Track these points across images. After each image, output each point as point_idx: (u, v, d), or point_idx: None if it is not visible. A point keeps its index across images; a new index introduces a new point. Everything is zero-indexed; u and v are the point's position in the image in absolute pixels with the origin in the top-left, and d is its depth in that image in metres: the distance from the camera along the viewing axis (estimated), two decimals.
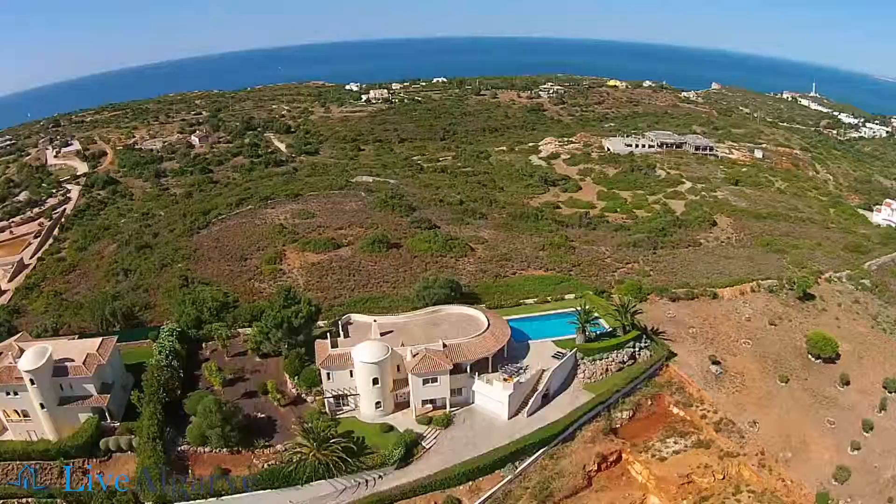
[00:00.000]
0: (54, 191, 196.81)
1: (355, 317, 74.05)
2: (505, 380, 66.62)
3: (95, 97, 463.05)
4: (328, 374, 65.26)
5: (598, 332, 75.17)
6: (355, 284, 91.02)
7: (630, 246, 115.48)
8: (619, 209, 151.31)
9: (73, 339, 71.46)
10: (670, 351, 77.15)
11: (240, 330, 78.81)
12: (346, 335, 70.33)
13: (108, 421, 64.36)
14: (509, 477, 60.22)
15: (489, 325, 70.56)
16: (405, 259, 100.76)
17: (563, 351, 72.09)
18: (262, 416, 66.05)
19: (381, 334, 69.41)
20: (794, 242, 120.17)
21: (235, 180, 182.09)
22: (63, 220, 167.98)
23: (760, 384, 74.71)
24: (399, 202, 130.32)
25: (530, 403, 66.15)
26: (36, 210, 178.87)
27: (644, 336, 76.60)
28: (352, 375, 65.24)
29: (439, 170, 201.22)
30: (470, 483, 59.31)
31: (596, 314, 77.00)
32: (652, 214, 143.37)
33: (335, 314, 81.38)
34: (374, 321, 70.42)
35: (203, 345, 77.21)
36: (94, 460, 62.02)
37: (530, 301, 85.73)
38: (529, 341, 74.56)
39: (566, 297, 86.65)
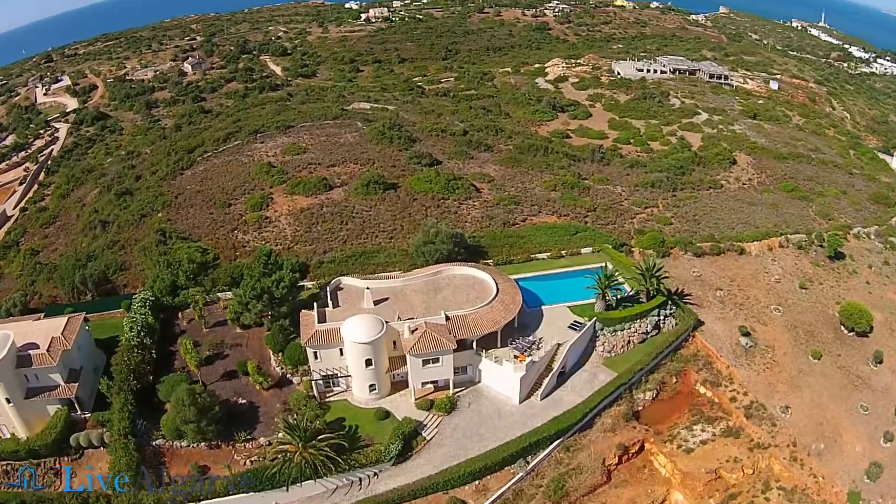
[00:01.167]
0: (42, 131, 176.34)
1: (346, 280, 61.69)
2: (516, 357, 55.26)
3: (95, 27, 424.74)
4: (315, 353, 54.13)
5: (617, 297, 62.99)
6: (348, 235, 77.72)
7: (648, 186, 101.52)
8: (632, 140, 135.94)
9: (39, 318, 59.13)
10: (697, 319, 65.65)
11: (220, 294, 66.57)
12: (336, 304, 58.35)
13: (79, 412, 54.11)
14: (520, 475, 50.31)
15: (498, 291, 58.18)
16: (403, 203, 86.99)
17: (582, 320, 60.33)
18: (244, 401, 55.19)
19: (375, 303, 57.38)
20: (819, 189, 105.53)
21: (228, 109, 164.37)
22: (49, 163, 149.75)
23: (792, 360, 63.63)
24: (398, 133, 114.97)
25: (544, 385, 55.05)
26: (22, 154, 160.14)
27: (669, 301, 64.67)
28: (342, 354, 53.84)
29: (441, 93, 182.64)
30: (476, 482, 49.70)
31: (619, 277, 64.85)
32: (668, 148, 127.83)
33: (324, 273, 69.32)
34: (367, 288, 58.09)
35: (179, 314, 65.28)
36: (66, 459, 52.08)
37: (542, 256, 73.02)
38: (543, 307, 62.81)
39: (582, 251, 73.95)
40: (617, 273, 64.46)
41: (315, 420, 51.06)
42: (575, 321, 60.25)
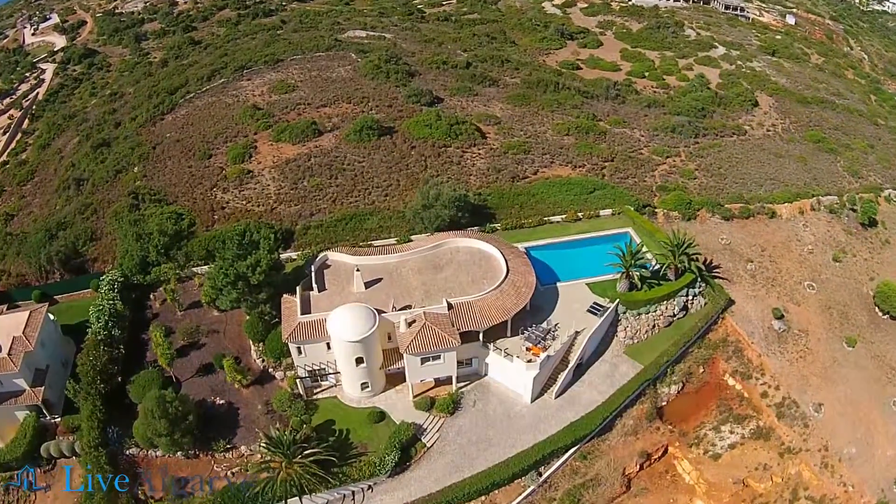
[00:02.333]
0: (28, 74, 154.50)
1: (333, 256, 50.69)
2: (528, 349, 45.79)
3: None
4: (299, 348, 44.60)
5: (641, 274, 51.88)
6: (338, 192, 65.36)
7: (668, 132, 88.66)
8: (646, 74, 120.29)
9: (1, 311, 49.85)
10: (729, 298, 55.65)
11: (195, 269, 55.90)
12: (322, 286, 47.82)
13: (48, 417, 45.87)
14: (532, 488, 42.27)
15: (508, 270, 47.76)
16: (400, 151, 73.56)
17: (603, 302, 50.25)
18: (222, 401, 46.28)
19: (367, 285, 47.49)
20: (846, 142, 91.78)
21: (217, 40, 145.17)
22: (34, 108, 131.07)
23: (826, 347, 54.31)
24: (395, 67, 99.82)
25: (559, 380, 45.98)
26: (7, 101, 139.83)
27: (698, 278, 54.14)
28: (329, 348, 44.40)
29: (442, 17, 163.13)
30: (483, 497, 41.93)
31: (646, 252, 54.08)
32: (686, 85, 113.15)
33: (311, 240, 58.04)
34: (357, 269, 47.58)
35: (151, 295, 54.85)
36: (38, 470, 44.30)
37: (557, 219, 61.56)
38: (558, 284, 52.43)
39: (601, 213, 62.45)
40: (644, 249, 53.91)
41: (301, 427, 42.52)
42: (595, 304, 50.24)
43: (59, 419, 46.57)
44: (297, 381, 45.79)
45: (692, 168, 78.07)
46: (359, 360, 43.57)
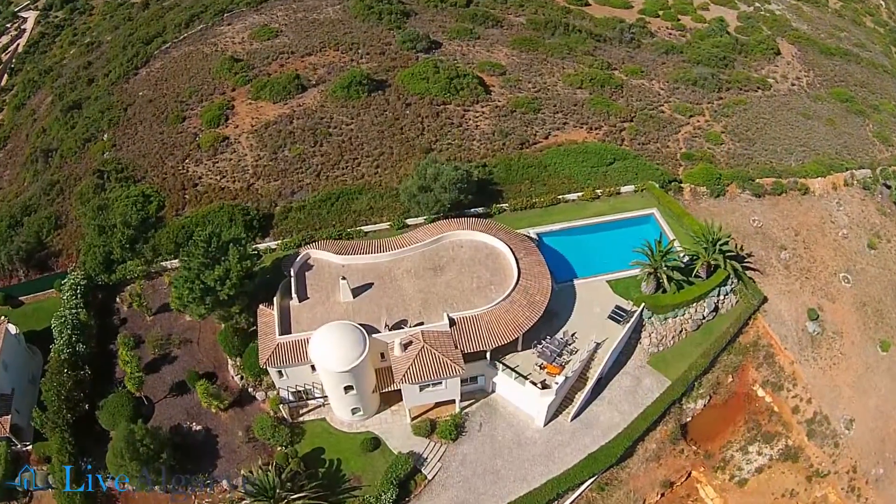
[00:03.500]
0: (9, 25, 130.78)
1: (316, 254, 41.18)
2: (542, 367, 38.23)
3: None
4: (280, 372, 36.65)
5: (671, 274, 42.79)
6: (323, 163, 54.27)
7: (690, 84, 76.95)
8: (660, 13, 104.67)
9: None
10: (762, 296, 46.89)
11: (164, 264, 46.34)
12: (303, 293, 38.73)
13: (19, 445, 38.35)
14: None
15: (519, 272, 39.05)
16: (394, 110, 60.91)
17: (626, 306, 41.67)
18: (199, 427, 38.58)
19: (355, 292, 38.37)
20: (874, 102, 79.75)
21: None
22: (13, 62, 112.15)
23: (860, 352, 46.88)
24: (388, 7, 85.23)
25: (576, 401, 38.67)
26: None
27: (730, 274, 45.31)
28: (314, 369, 36.39)
29: None
30: None
31: (679, 247, 44.69)
32: (704, 28, 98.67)
33: (292, 226, 48.01)
34: (343, 278, 37.69)
35: (118, 297, 45.72)
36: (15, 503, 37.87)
37: (573, 197, 51.63)
38: (575, 281, 43.79)
39: (623, 189, 52.32)
40: (675, 245, 44.29)
41: (287, 462, 35.09)
42: (617, 308, 41.75)
43: (30, 446, 38.96)
44: (280, 404, 38.09)
45: (718, 130, 67.40)
46: (348, 388, 36.34)
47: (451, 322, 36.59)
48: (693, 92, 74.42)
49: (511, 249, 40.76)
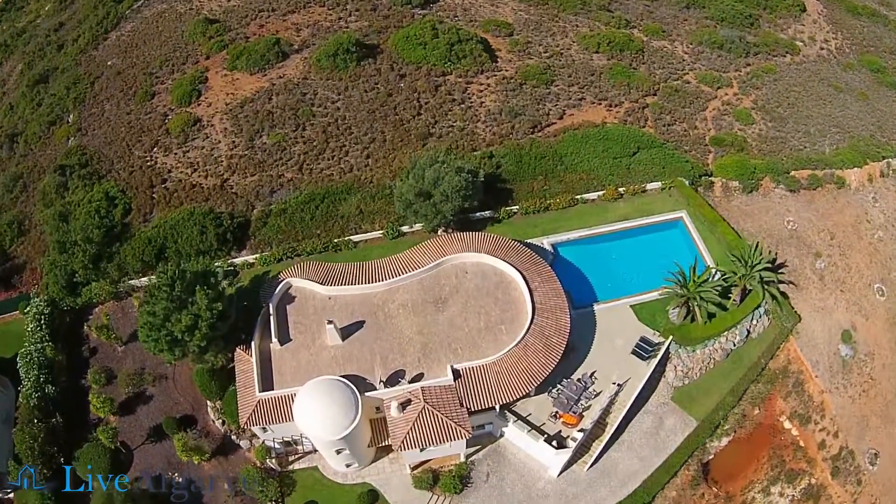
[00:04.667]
0: None
1: (297, 284, 33.53)
2: (557, 416, 32.29)
3: None
4: (263, 427, 30.77)
5: (707, 306, 35.61)
6: (305, 152, 44.87)
7: (715, 48, 65.94)
8: None
9: None
10: (795, 313, 39.90)
11: (133, 283, 38.55)
12: (285, 336, 31.52)
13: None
14: None
15: (534, 308, 31.83)
16: (386, 83, 50.27)
17: (652, 338, 34.79)
18: (180, 479, 32.69)
19: (344, 333, 31.49)
20: None
21: None
22: None
23: (890, 376, 40.97)
24: None
25: (593, 450, 32.67)
26: None
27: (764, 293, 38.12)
28: None
29: None
30: None
31: (711, 264, 37.37)
32: None
33: (270, 235, 39.60)
34: (330, 322, 30.44)
35: (85, 324, 38.21)
36: None
37: (592, 196, 43.09)
38: (595, 306, 36.78)
39: (648, 186, 43.86)
40: (714, 271, 36.62)
41: None
42: (643, 341, 34.88)
43: (11, 493, 33.60)
44: (267, 451, 32.06)
45: (748, 106, 57.59)
46: (340, 450, 30.75)
47: (456, 375, 30.14)
48: (719, 57, 63.72)
49: (524, 277, 33.28)
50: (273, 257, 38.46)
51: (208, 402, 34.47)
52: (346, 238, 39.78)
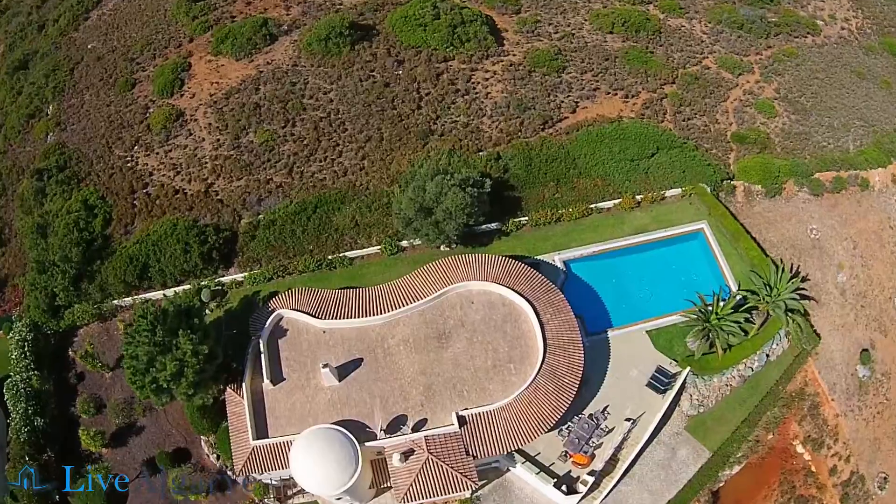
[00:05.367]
0: None
1: (289, 316, 29.96)
2: (568, 455, 29.71)
3: None
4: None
5: (729, 338, 32.13)
6: (295, 153, 39.67)
7: (735, 27, 59.23)
8: None
9: None
10: (815, 333, 36.49)
11: (116, 303, 34.65)
12: (278, 375, 28.33)
13: None
14: None
15: (546, 344, 28.46)
16: (383, 70, 44.46)
17: (669, 369, 31.65)
18: None
19: (341, 371, 28.22)
20: None
21: None
22: None
23: None
24: None
25: (604, 487, 29.83)
26: None
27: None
28: None
29: None
30: None
31: (740, 295, 33.61)
32: None
33: (257, 252, 35.28)
34: (325, 366, 27.05)
35: (70, 350, 34.45)
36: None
37: (608, 205, 38.36)
38: (610, 332, 33.38)
39: (668, 194, 39.18)
40: (737, 297, 33.03)
41: None
42: (659, 372, 31.73)
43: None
44: (266, 488, 29.30)
45: (770, 96, 51.96)
46: (339, 497, 28.63)
47: (461, 421, 27.05)
48: (739, 38, 57.27)
49: (535, 308, 29.65)
50: (263, 276, 34.35)
51: (202, 440, 31.43)
52: (340, 255, 35.36)
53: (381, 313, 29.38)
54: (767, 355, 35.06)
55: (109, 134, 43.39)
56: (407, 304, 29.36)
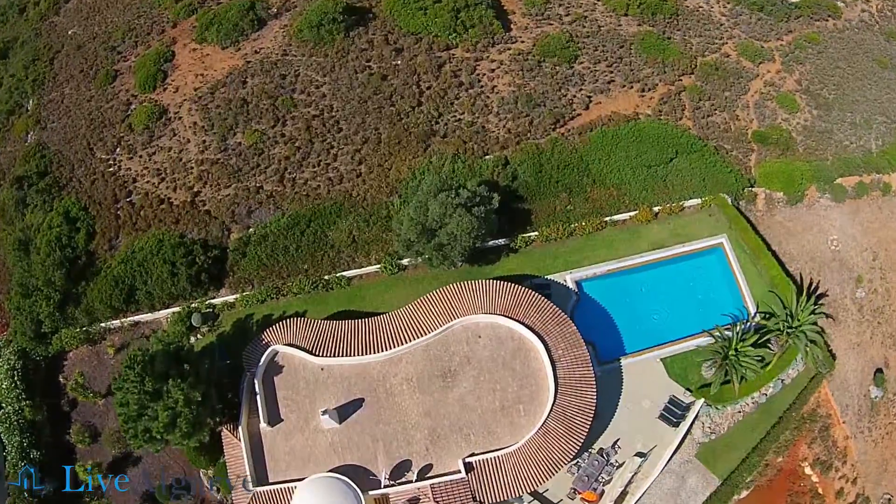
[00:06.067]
0: None
1: (284, 352, 27.08)
2: (577, 493, 27.21)
3: None
4: None
5: (747, 373, 29.36)
6: (286, 157, 35.23)
7: (755, 9, 53.17)
8: None
9: None
10: (831, 353, 34.01)
11: (104, 325, 31.60)
12: (275, 416, 25.89)
13: None
14: None
15: (557, 383, 25.91)
16: (380, 60, 39.41)
17: (683, 399, 29.17)
18: None
19: (341, 413, 25.65)
20: None
21: None
22: None
23: None
24: None
25: None
26: None
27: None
28: None
29: None
30: None
31: (762, 325, 30.83)
32: None
33: (248, 272, 31.92)
34: (325, 413, 24.59)
35: (61, 376, 31.57)
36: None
37: (623, 217, 34.61)
38: (622, 360, 30.58)
39: (686, 204, 35.41)
40: (757, 325, 30.30)
41: None
42: (672, 403, 29.25)
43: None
44: None
45: (792, 88, 46.86)
46: None
47: (468, 467, 24.76)
48: (759, 21, 51.32)
49: (545, 343, 26.81)
50: (256, 298, 31.15)
51: (201, 473, 29.06)
52: (337, 275, 31.89)
53: (382, 349, 26.53)
54: (783, 380, 32.89)
55: (90, 134, 38.73)
56: (410, 340, 26.49)
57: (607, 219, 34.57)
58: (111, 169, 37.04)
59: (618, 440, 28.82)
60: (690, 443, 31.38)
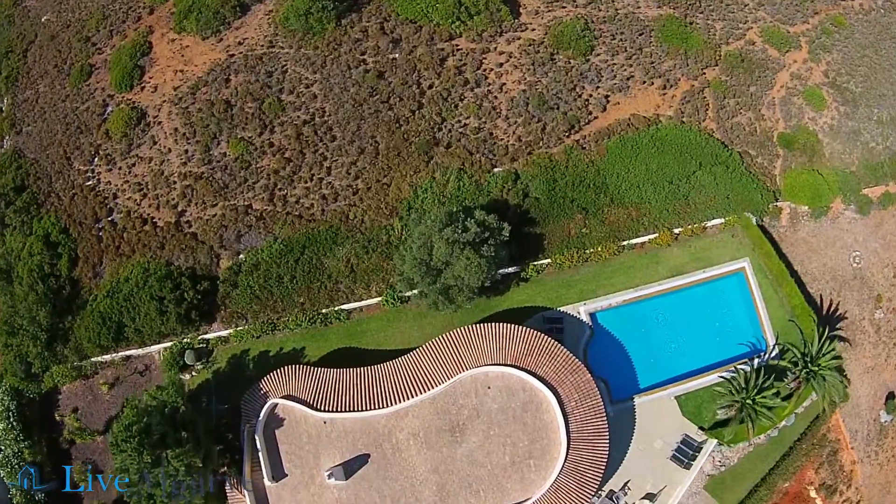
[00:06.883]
0: None
1: (285, 406, 24.16)
2: None
3: None
4: None
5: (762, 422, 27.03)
6: (275, 171, 30.92)
7: None
8: None
9: None
10: (845, 378, 31.71)
11: (95, 360, 28.74)
12: (278, 470, 23.46)
13: None
14: None
15: (569, 437, 23.53)
16: (375, 54, 34.32)
17: (695, 438, 27.18)
18: None
19: (347, 469, 23.17)
20: None
21: None
22: None
23: None
24: None
25: None
26: None
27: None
28: None
29: None
30: None
31: (782, 364, 28.09)
32: None
33: (243, 303, 28.57)
34: (330, 476, 22.31)
35: (56, 413, 28.91)
36: None
37: (642, 240, 30.89)
38: (636, 399, 28.01)
39: (708, 225, 31.80)
40: (776, 363, 27.64)
41: None
42: (685, 443, 27.24)
43: None
44: None
45: (819, 81, 41.15)
46: None
47: None
48: (784, 1, 45.96)
49: (558, 395, 24.26)
50: (250, 333, 28.10)
51: None
52: (335, 308, 28.64)
53: (387, 402, 23.89)
54: (796, 414, 31.22)
55: (67, 141, 34.03)
56: (416, 394, 23.81)
57: (625, 243, 30.94)
58: (90, 183, 32.77)
59: (628, 482, 27.00)
60: (700, 476, 29.72)
